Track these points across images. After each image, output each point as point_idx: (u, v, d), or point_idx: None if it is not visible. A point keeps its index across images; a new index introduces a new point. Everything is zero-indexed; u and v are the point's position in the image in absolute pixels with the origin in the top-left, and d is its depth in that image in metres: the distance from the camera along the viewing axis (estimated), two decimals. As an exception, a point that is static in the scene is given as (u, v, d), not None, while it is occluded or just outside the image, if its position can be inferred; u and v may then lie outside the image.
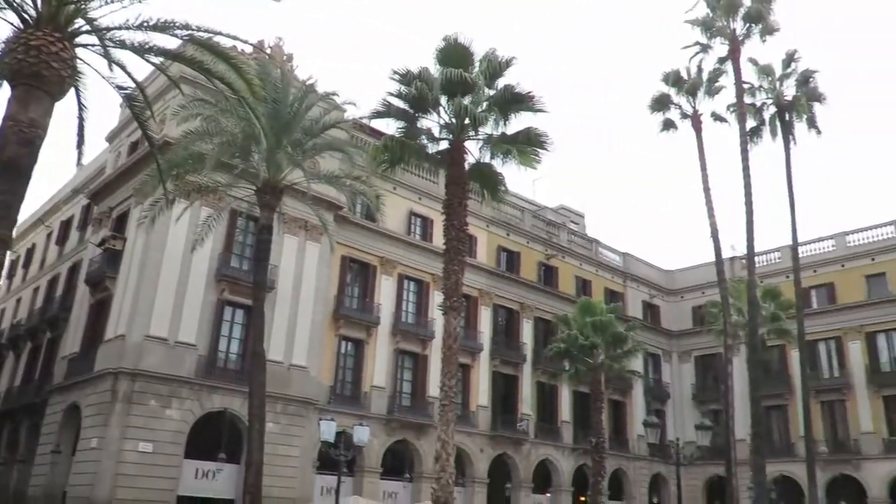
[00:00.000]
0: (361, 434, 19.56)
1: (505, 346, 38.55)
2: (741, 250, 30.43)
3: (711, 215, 26.21)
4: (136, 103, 13.01)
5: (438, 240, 24.35)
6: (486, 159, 18.05)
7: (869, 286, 40.92)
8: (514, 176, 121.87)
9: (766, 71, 31.27)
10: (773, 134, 30.48)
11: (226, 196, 23.52)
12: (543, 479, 38.67)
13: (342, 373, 31.98)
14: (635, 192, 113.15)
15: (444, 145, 18.44)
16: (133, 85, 12.93)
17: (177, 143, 21.58)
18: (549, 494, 38.59)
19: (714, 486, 42.62)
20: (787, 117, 30.11)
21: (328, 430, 20.29)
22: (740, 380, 36.28)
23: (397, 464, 33.26)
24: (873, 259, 40.94)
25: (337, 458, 19.70)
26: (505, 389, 38.16)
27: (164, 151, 20.74)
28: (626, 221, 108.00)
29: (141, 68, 42.78)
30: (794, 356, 38.31)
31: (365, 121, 21.29)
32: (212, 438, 26.24)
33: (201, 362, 26.37)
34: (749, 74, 31.45)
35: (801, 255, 34.58)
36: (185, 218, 25.10)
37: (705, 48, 30.21)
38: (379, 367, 32.63)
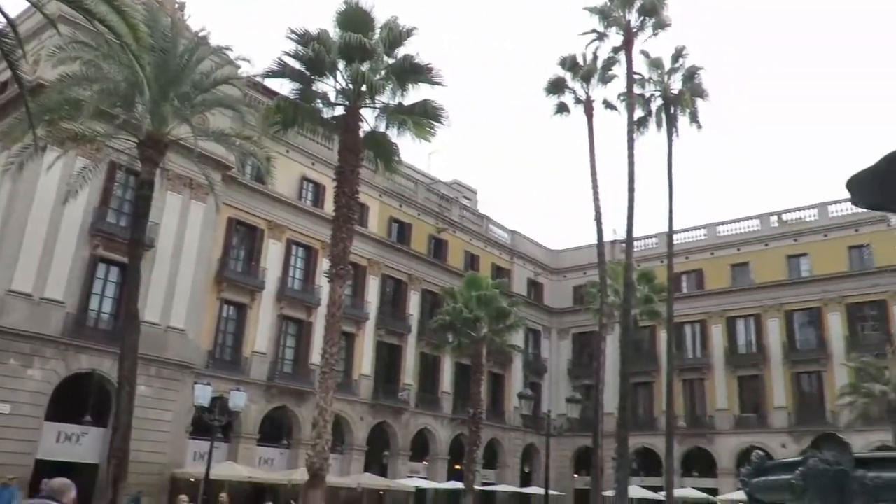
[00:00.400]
0: (237, 399, 19.24)
1: (391, 317, 38.78)
2: (622, 234, 31.82)
3: (596, 199, 27.30)
4: (7, 40, 11.99)
5: (330, 206, 23.99)
6: (382, 128, 17.95)
7: (734, 274, 43.90)
8: (409, 147, 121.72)
9: (656, 64, 32.65)
10: (659, 125, 31.98)
11: (104, 147, 22.16)
12: (421, 447, 39.44)
13: (222, 337, 31.21)
14: (528, 171, 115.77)
15: (339, 111, 18.18)
16: (3, 20, 11.90)
17: (51, 86, 20.08)
18: (426, 463, 39.42)
19: (582, 456, 44.74)
20: (671, 110, 31.64)
21: (203, 394, 19.84)
22: (612, 357, 38.24)
23: (275, 430, 32.97)
24: (739, 249, 43.90)
25: (211, 423, 19.26)
26: (389, 359, 38.46)
27: (37, 94, 19.30)
28: (517, 200, 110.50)
29: (15, 4, 39.50)
30: (663, 337, 40.68)
31: (259, 79, 20.55)
32: (79, 401, 25.06)
33: (69, 321, 25.02)
34: (640, 66, 32.77)
35: (675, 242, 36.64)
36: (57, 167, 23.46)
37: (601, 36, 31.13)
38: (261, 332, 32.08)
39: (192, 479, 27.48)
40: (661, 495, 34.93)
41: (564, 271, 50.83)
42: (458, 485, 33.61)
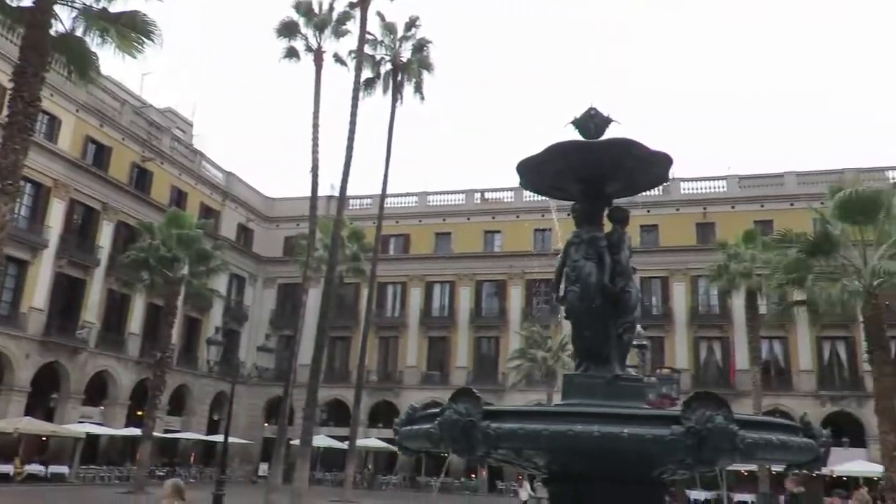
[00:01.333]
0: None
1: (77, 247, 34.87)
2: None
3: (315, 151, 27.03)
4: None
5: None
6: (80, 33, 15.75)
7: (437, 242, 46.86)
8: (119, 65, 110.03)
9: (389, 28, 33.15)
10: (385, 90, 32.62)
11: None
12: (99, 391, 36.33)
13: None
14: (252, 115, 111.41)
15: (28, 2, 15.55)
16: None
17: None
18: (102, 407, 36.44)
19: (275, 405, 44.73)
20: (399, 77, 32.45)
21: None
22: (315, 310, 38.54)
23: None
24: (444, 219, 46.88)
25: None
26: (69, 293, 34.65)
27: None
28: (238, 142, 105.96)
29: None
30: (367, 294, 42.03)
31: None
32: None
33: None
34: (375, 27, 33.02)
35: (387, 206, 37.84)
36: None
37: (340, -13, 30.60)
38: None
39: None
40: (345, 444, 36.36)
41: (278, 220, 50.00)
42: (137, 431, 31.67)
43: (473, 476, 41.19)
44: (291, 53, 29.88)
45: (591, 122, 5.84)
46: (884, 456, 17.49)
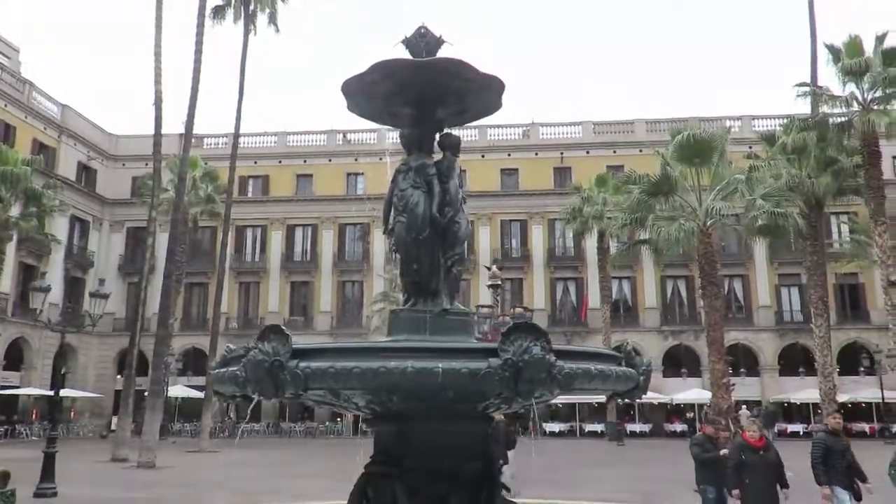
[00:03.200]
0: None
1: None
2: (191, 128, 29.93)
3: (158, 82, 24.96)
4: None
5: None
6: None
7: (298, 184, 45.44)
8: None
9: (241, -49, 30.90)
10: (237, 18, 30.60)
11: None
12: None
13: None
14: (91, 43, 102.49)
15: None
16: None
17: None
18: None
19: (126, 355, 42.45)
20: (251, 6, 30.52)
21: None
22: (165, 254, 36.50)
23: None
24: (305, 161, 45.47)
25: None
26: None
27: None
28: (76, 74, 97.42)
29: None
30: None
31: None
32: None
33: None
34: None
35: (245, 146, 36.14)
36: None
37: None
38: None
39: None
40: (202, 394, 35.12)
41: (124, 159, 46.49)
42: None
43: (339, 420, 41.17)
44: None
45: (422, 41, 5.46)
46: (712, 384, 18.91)
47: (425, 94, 5.49)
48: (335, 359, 4.08)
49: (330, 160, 45.09)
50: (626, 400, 5.85)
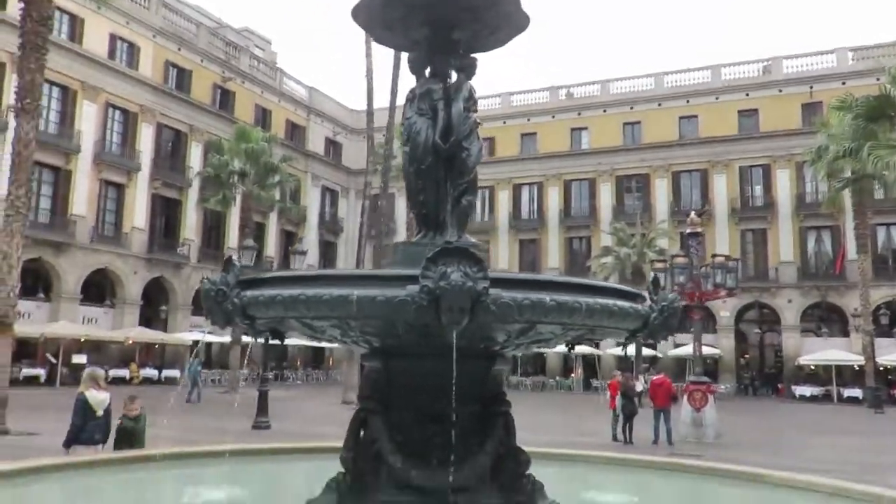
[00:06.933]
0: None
1: (169, 169, 36.68)
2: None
3: (368, 55, 26.48)
4: None
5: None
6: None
7: (522, 143, 45.64)
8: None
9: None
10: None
11: None
12: (204, 302, 38.82)
13: None
14: (337, 26, 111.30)
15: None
16: None
17: None
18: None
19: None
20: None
21: None
22: (404, 218, 38.87)
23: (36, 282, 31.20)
24: (529, 119, 45.38)
25: None
26: (166, 212, 36.77)
27: None
28: (320, 56, 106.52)
29: None
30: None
31: None
32: None
33: None
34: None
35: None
36: None
37: None
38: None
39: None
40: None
41: (364, 131, 50.04)
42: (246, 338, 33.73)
43: (573, 375, 41.17)
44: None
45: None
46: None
47: (434, 13, 5.11)
48: (272, 287, 4.04)
49: (553, 117, 44.53)
50: (648, 340, 4.99)
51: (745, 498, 6.24)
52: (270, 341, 5.62)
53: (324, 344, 42.14)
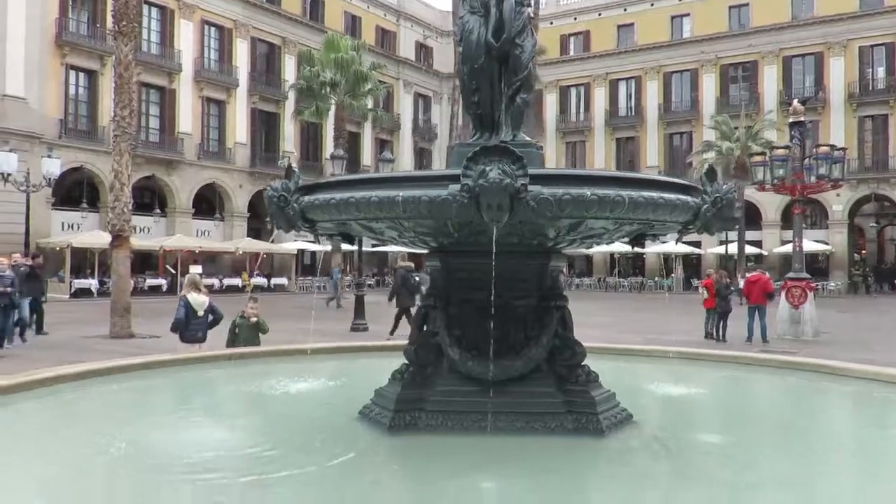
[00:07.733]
0: (50, 166, 18.84)
1: (266, 83, 37.52)
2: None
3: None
4: None
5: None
6: None
7: (619, 35, 43.53)
8: None
9: None
10: None
11: None
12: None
13: (74, 106, 29.84)
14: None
15: None
16: None
17: None
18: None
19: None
20: None
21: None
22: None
23: (149, 199, 33.22)
24: (625, 10, 43.10)
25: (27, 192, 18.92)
26: (266, 126, 37.90)
27: None
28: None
29: None
30: (549, 101, 41.18)
31: None
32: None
33: None
34: None
35: (564, 2, 35.30)
36: None
37: None
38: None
39: (57, 249, 27.86)
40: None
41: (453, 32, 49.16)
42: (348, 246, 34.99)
43: (672, 275, 40.53)
44: None
45: None
46: None
47: None
48: (327, 192, 4.24)
49: (652, 4, 42.05)
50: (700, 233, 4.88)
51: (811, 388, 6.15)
52: (344, 245, 5.92)
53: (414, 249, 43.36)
